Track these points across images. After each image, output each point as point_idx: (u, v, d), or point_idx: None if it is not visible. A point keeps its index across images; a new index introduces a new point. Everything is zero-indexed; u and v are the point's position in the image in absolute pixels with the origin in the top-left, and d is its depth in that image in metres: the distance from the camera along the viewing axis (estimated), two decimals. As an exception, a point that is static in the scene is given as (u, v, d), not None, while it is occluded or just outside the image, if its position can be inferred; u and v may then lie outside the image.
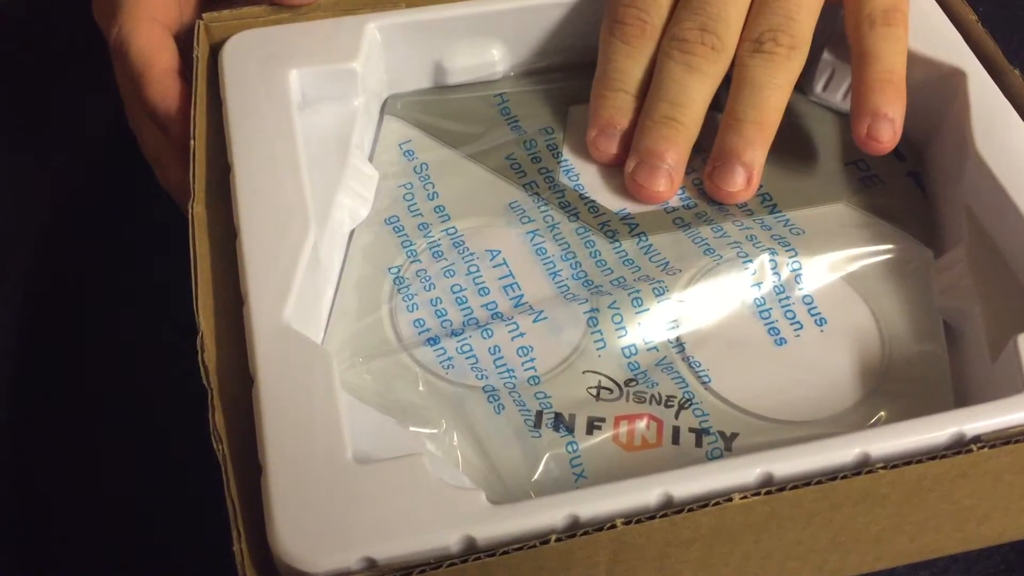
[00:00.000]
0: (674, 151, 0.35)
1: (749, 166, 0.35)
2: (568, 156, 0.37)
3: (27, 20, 0.48)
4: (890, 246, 0.35)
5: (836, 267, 0.34)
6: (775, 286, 0.33)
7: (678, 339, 0.33)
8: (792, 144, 0.37)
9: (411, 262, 0.34)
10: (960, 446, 0.27)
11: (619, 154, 0.36)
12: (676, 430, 0.31)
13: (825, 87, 0.38)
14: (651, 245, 0.34)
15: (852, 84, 0.35)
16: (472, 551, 0.26)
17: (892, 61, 0.35)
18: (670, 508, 0.26)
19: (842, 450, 0.27)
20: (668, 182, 0.35)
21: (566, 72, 0.39)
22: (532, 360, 0.32)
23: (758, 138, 0.34)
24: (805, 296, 0.33)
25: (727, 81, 0.35)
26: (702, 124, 0.35)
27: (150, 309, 0.38)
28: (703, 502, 0.26)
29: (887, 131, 0.34)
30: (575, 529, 0.26)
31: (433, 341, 0.32)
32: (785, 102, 0.35)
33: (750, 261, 0.34)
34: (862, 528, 0.29)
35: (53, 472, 0.36)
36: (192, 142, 0.33)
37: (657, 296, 0.33)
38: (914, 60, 0.35)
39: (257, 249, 0.31)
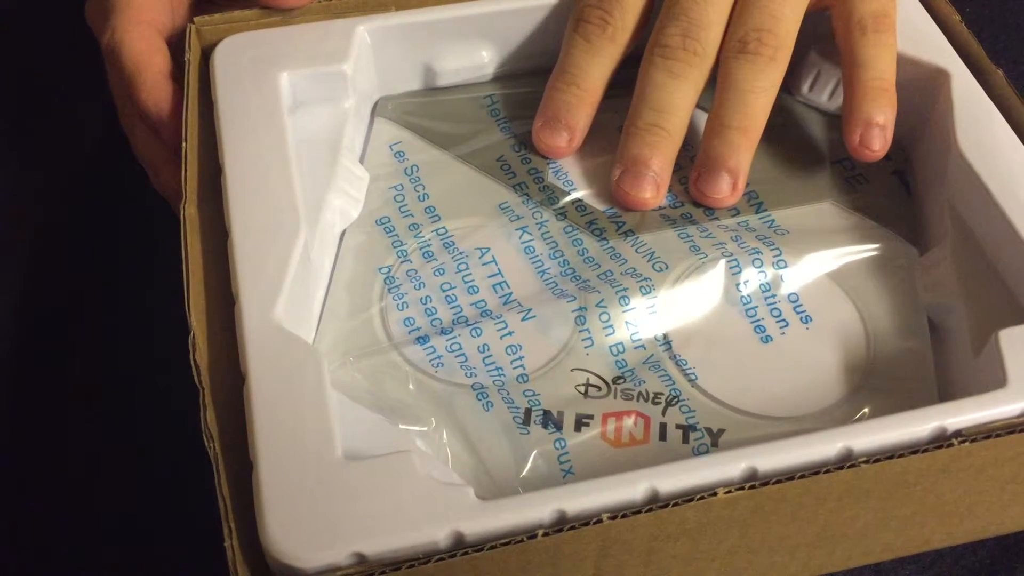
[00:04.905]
0: (659, 158, 0.35)
1: (734, 172, 0.35)
2: (557, 157, 0.37)
3: (22, 23, 0.48)
4: (875, 244, 0.35)
5: (822, 265, 0.34)
6: (761, 284, 0.34)
7: (665, 337, 0.33)
8: (778, 144, 0.37)
9: (401, 262, 0.35)
10: (941, 440, 0.28)
11: (561, 147, 0.36)
12: (663, 427, 0.31)
13: (811, 88, 0.38)
14: (639, 244, 0.35)
15: (844, 91, 0.35)
16: (460, 546, 0.26)
17: (883, 68, 0.35)
18: (655, 503, 0.27)
19: (825, 445, 0.27)
20: (654, 189, 0.35)
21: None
22: (521, 358, 0.32)
23: (743, 144, 0.35)
24: (791, 294, 0.34)
25: (712, 82, 0.36)
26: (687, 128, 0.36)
27: (142, 309, 0.38)
28: (688, 497, 0.26)
29: (879, 140, 0.35)
30: (562, 524, 0.26)
31: (423, 340, 0.32)
32: (770, 105, 0.35)
33: (736, 260, 0.34)
34: (847, 522, 0.30)
35: (50, 470, 0.36)
36: (184, 144, 0.33)
37: (644, 294, 0.33)
38: (899, 60, 0.36)
39: (248, 249, 0.31)
